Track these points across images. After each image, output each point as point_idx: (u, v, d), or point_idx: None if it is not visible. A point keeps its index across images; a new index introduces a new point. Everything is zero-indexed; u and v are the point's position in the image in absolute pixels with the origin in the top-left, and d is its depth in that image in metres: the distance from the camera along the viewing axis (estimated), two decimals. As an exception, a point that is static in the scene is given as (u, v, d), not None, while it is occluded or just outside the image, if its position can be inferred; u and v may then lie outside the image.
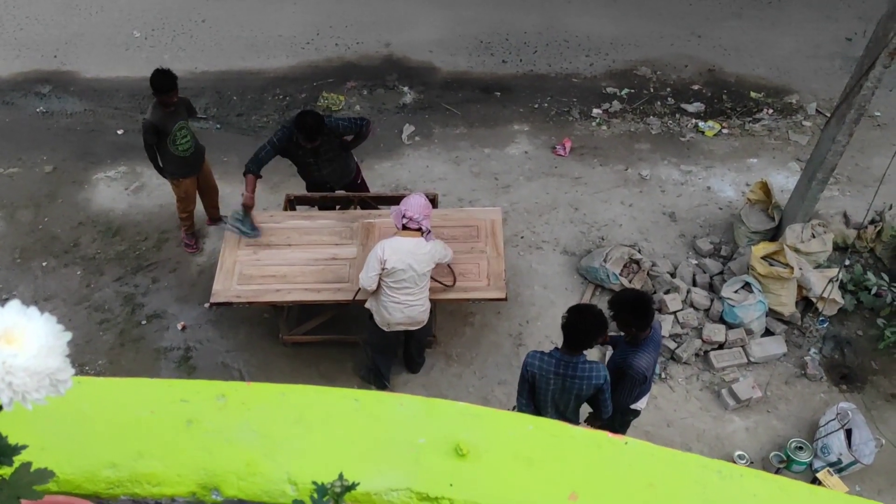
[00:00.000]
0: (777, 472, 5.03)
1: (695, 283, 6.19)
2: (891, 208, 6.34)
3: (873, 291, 5.99)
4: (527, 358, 4.20)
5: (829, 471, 5.06)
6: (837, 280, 5.64)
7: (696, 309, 5.99)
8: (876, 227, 6.30)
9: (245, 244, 5.58)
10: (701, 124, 7.66)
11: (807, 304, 6.00)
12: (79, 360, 5.72)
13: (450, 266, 5.25)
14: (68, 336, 1.14)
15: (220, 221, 6.51)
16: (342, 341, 5.83)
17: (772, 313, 5.90)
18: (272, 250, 5.57)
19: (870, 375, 5.78)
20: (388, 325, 5.05)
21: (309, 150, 5.59)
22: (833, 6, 8.82)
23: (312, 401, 1.77)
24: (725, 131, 7.61)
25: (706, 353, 5.84)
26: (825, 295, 5.68)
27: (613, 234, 6.61)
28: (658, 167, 7.25)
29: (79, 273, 6.46)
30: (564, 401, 4.22)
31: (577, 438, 1.72)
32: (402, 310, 4.93)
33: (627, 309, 4.15)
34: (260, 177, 5.68)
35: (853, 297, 6.04)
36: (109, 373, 5.73)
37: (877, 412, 5.54)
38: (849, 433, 5.17)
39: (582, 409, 4.42)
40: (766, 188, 6.35)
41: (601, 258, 6.14)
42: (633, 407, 4.58)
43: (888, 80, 6.03)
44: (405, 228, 4.83)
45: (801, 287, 5.87)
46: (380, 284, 4.85)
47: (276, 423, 1.70)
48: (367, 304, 5.09)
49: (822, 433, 5.27)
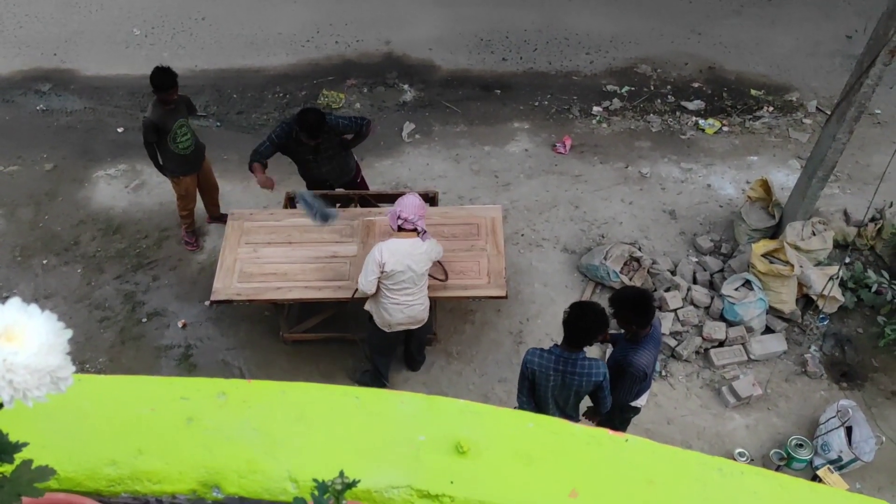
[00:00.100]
0: (777, 470, 5.03)
1: (695, 281, 6.19)
2: (891, 206, 6.34)
3: (873, 289, 5.99)
4: (526, 355, 4.20)
5: (829, 468, 5.06)
6: (838, 278, 5.65)
7: (697, 307, 5.99)
8: (876, 224, 6.29)
9: (245, 242, 5.57)
10: (701, 122, 7.65)
11: (807, 301, 6.00)
12: (79, 358, 5.72)
13: (440, 262, 5.23)
14: (69, 334, 1.14)
15: (221, 219, 6.51)
16: (343, 339, 5.83)
17: (772, 311, 5.90)
18: (272, 248, 5.56)
19: (870, 373, 5.78)
20: (389, 327, 5.03)
21: (309, 147, 5.60)
22: (833, 4, 8.81)
23: (313, 398, 1.77)
24: (726, 129, 7.61)
25: (706, 350, 5.84)
26: (825, 292, 5.68)
27: (614, 232, 6.61)
28: (658, 165, 7.24)
29: (79, 271, 6.46)
30: (564, 397, 4.23)
31: (578, 436, 1.72)
32: (403, 310, 4.92)
33: (628, 306, 4.16)
34: (266, 165, 5.69)
35: (853, 294, 6.05)
36: (110, 371, 5.73)
37: (877, 409, 5.55)
38: (849, 431, 5.17)
39: (582, 403, 4.42)
40: (766, 186, 6.34)
41: (601, 256, 6.14)
42: (634, 404, 4.59)
43: (888, 78, 6.02)
44: (401, 230, 4.79)
45: (801, 285, 5.87)
46: (378, 287, 4.84)
47: (277, 420, 1.70)
48: (367, 307, 5.07)
49: (822, 430, 5.28)
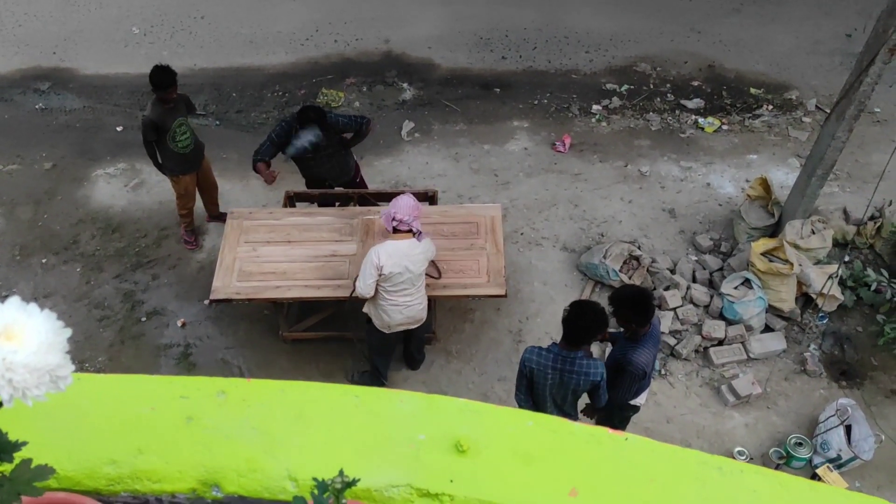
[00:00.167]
0: (777, 469, 5.04)
1: (694, 280, 6.19)
2: (890, 204, 6.34)
3: (873, 288, 5.99)
4: (524, 353, 4.21)
5: (828, 467, 5.06)
6: (837, 276, 5.65)
7: (696, 305, 5.99)
8: (875, 223, 6.29)
9: (245, 241, 5.57)
10: (701, 120, 7.65)
11: (806, 300, 6.00)
12: (78, 357, 5.72)
13: (433, 260, 5.19)
14: (68, 332, 1.14)
15: (220, 218, 6.50)
16: (342, 338, 5.83)
17: (771, 309, 5.91)
18: (272, 247, 5.56)
19: (869, 371, 5.79)
20: (388, 328, 5.03)
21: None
22: (833, 2, 8.80)
23: (312, 397, 1.77)
24: (725, 127, 7.61)
25: (706, 349, 5.84)
26: (825, 291, 5.68)
27: (613, 231, 6.61)
28: (658, 163, 7.24)
29: (78, 270, 6.46)
30: (562, 395, 4.24)
31: (578, 434, 1.72)
32: (402, 311, 4.92)
33: (628, 305, 4.16)
34: (269, 164, 5.69)
35: (853, 293, 6.05)
36: (109, 370, 5.73)
37: (876, 408, 5.55)
38: (848, 429, 5.18)
39: (580, 400, 4.43)
40: (765, 184, 6.34)
41: (601, 255, 6.14)
42: (633, 403, 4.59)
43: (888, 77, 6.04)
44: (396, 231, 4.75)
45: (800, 283, 5.87)
46: (376, 289, 4.82)
47: (277, 419, 1.70)
48: (365, 309, 5.07)
49: (821, 429, 5.28)
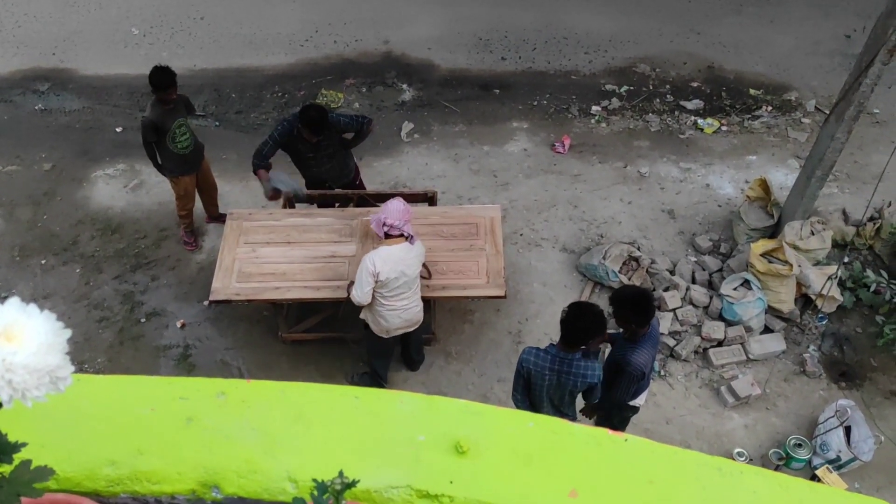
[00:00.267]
0: (776, 470, 5.04)
1: (694, 281, 6.19)
2: (889, 205, 6.34)
3: (872, 288, 5.99)
4: (522, 354, 4.22)
5: (828, 468, 5.06)
6: (836, 277, 5.65)
7: (696, 306, 5.99)
8: (875, 224, 6.29)
9: (244, 242, 5.57)
10: (700, 121, 7.65)
11: (806, 301, 6.00)
12: (78, 358, 5.72)
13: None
14: (68, 333, 1.14)
15: (220, 219, 6.50)
16: (342, 339, 5.83)
17: (771, 310, 5.90)
18: (271, 248, 5.56)
19: (869, 372, 5.79)
20: (386, 333, 5.04)
21: (310, 144, 5.61)
22: (832, 3, 8.81)
23: (312, 398, 1.77)
24: (724, 128, 7.61)
25: (705, 350, 5.84)
26: (824, 292, 5.68)
27: (612, 232, 6.61)
28: (657, 164, 7.24)
29: (78, 271, 6.45)
30: (559, 396, 4.26)
31: (577, 435, 1.71)
32: (400, 315, 4.93)
33: (628, 305, 4.16)
34: (270, 167, 5.71)
35: (852, 294, 6.05)
36: (109, 371, 5.73)
37: (876, 409, 5.55)
38: (848, 430, 5.18)
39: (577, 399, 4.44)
40: (765, 185, 6.35)
41: (600, 256, 6.14)
42: (632, 403, 4.59)
43: (887, 78, 6.03)
44: (387, 236, 4.75)
45: (800, 284, 5.87)
46: (373, 296, 4.82)
47: (276, 420, 1.70)
48: (362, 315, 5.07)
49: (821, 430, 5.28)
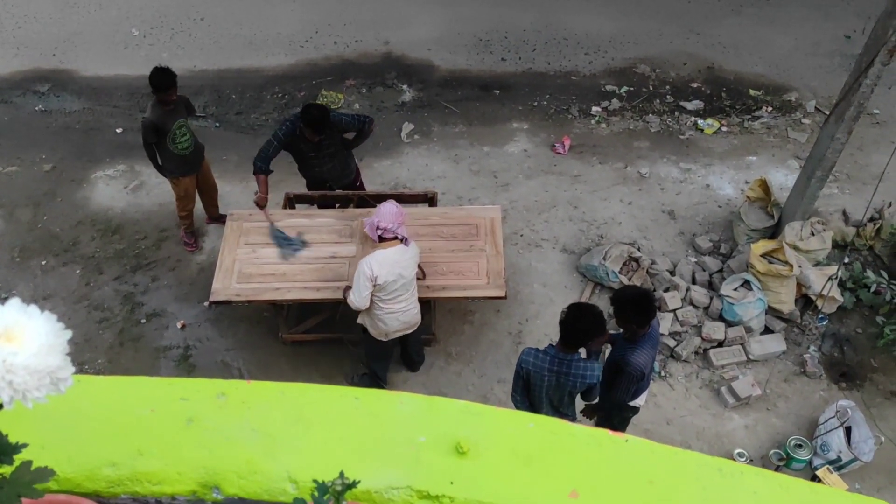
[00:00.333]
0: (776, 470, 5.03)
1: (694, 281, 6.19)
2: (890, 206, 6.34)
3: (872, 289, 5.99)
4: (521, 355, 4.22)
5: (828, 468, 5.06)
6: (837, 278, 5.65)
7: (696, 307, 5.99)
8: (875, 224, 6.29)
9: (244, 242, 5.57)
10: (700, 122, 7.65)
11: (806, 301, 6.00)
12: (78, 359, 5.72)
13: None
14: (68, 334, 1.14)
15: (220, 220, 6.50)
16: (341, 339, 5.83)
17: (771, 311, 5.90)
18: (271, 249, 5.56)
19: (869, 373, 5.79)
20: (385, 336, 5.04)
21: (311, 144, 5.61)
22: (832, 4, 8.81)
23: (312, 399, 1.77)
24: (724, 129, 7.61)
25: (706, 350, 5.84)
26: (824, 293, 5.68)
27: (613, 232, 6.61)
28: (657, 165, 7.24)
29: (78, 272, 6.45)
30: (558, 396, 4.26)
31: (578, 436, 1.72)
32: (399, 317, 4.93)
33: (629, 306, 4.16)
34: (271, 171, 5.71)
35: (852, 294, 6.05)
36: (109, 371, 5.73)
37: (876, 410, 5.55)
38: (848, 431, 5.17)
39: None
40: (765, 186, 6.35)
41: (600, 256, 6.14)
42: (633, 404, 4.59)
43: (887, 78, 6.03)
44: (382, 240, 4.75)
45: (800, 285, 5.87)
46: (371, 300, 4.81)
47: (277, 421, 1.70)
48: (360, 320, 5.06)
49: (821, 431, 5.28)
